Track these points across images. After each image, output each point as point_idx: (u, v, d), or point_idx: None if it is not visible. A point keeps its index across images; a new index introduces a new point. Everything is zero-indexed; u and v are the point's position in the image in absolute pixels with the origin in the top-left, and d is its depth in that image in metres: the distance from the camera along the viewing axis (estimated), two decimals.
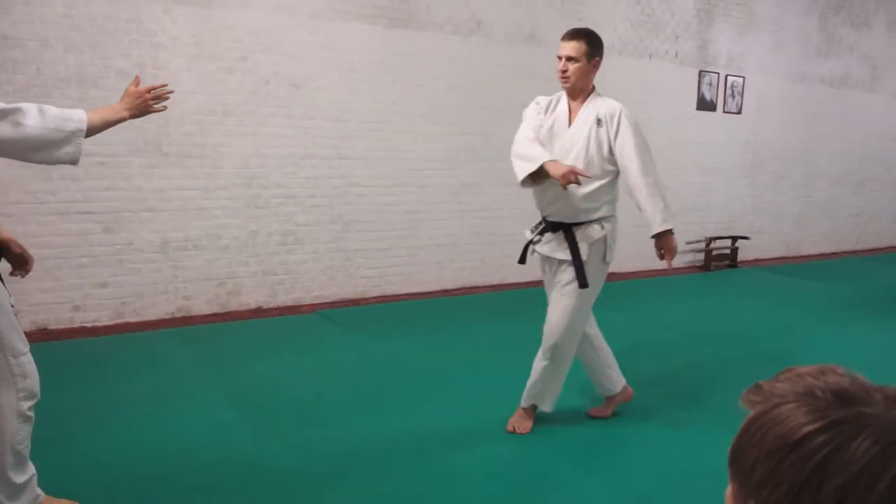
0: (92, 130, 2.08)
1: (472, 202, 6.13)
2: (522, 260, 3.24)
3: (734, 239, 7.86)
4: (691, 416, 3.35)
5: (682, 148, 7.35)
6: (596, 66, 2.99)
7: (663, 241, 2.97)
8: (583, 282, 2.96)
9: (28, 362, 2.20)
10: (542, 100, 3.12)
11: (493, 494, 2.60)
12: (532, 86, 6.30)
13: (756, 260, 8.28)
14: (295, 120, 5.20)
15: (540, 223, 3.16)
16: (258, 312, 5.17)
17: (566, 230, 3.02)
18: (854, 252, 9.34)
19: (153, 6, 4.60)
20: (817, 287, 6.80)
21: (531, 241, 3.18)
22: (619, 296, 5.98)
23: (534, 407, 3.18)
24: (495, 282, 6.34)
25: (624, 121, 2.93)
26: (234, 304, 5.14)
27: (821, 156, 8.86)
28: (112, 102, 4.90)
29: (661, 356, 4.28)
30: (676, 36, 7.18)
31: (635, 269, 6.95)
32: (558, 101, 3.08)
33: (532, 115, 3.09)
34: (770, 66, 8.08)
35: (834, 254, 9.14)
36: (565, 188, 2.81)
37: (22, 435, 2.19)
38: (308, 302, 5.42)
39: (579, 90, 3.00)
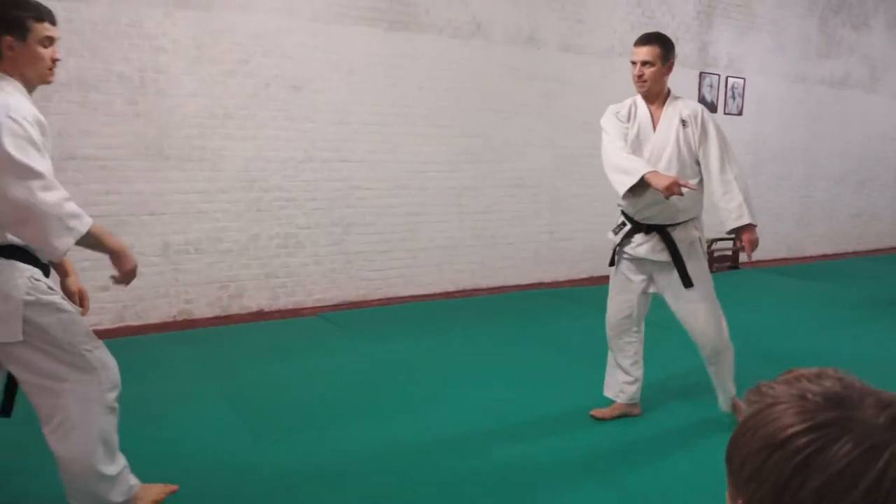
0: (87, 238, 2.05)
1: (472, 204, 6.14)
2: (612, 262, 3.24)
3: (735, 240, 7.85)
4: (693, 417, 3.34)
5: None
6: (670, 69, 3.03)
7: (741, 235, 3.01)
8: (688, 282, 3.05)
9: (105, 354, 2.25)
10: (620, 108, 3.11)
11: (494, 495, 2.60)
12: (532, 87, 6.32)
13: (757, 261, 8.28)
14: (295, 123, 5.20)
15: (622, 224, 3.16)
16: (260, 315, 5.17)
17: (660, 231, 3.05)
18: (855, 253, 9.33)
19: (154, 10, 4.61)
20: (819, 288, 6.79)
21: (618, 244, 3.18)
22: None
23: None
24: (496, 284, 6.34)
25: (708, 121, 3.00)
26: (236, 308, 5.14)
27: (821, 156, 8.86)
28: (114, 106, 4.92)
29: (662, 357, 4.27)
30: (676, 38, 7.17)
31: None
32: (636, 106, 3.08)
33: (613, 124, 3.06)
34: (770, 68, 8.08)
35: (835, 255, 9.14)
36: (668, 198, 2.83)
37: (110, 427, 2.22)
38: (309, 305, 5.42)
39: (656, 93, 3.04)
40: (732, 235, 3.23)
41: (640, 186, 2.88)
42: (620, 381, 3.31)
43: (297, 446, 2.97)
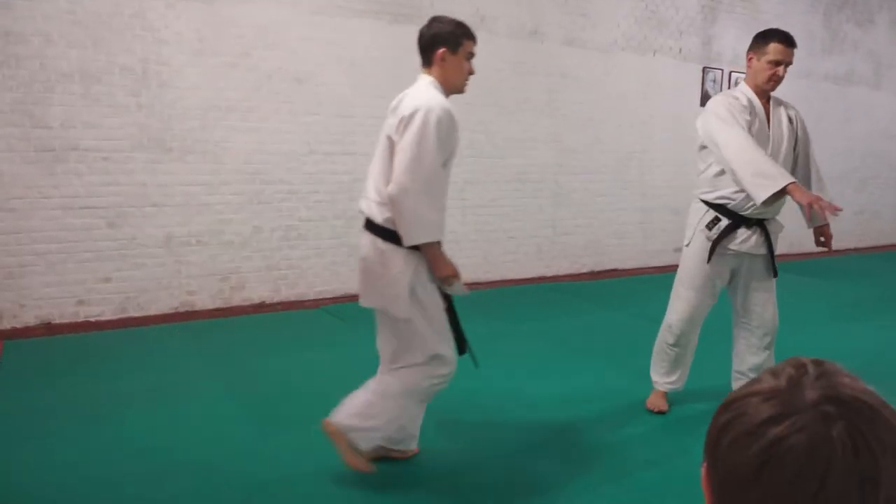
0: (429, 247, 2.53)
1: (474, 198, 6.14)
2: (709, 259, 3.14)
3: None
4: (693, 414, 3.36)
5: (686, 145, 7.34)
6: None
7: (824, 230, 3.15)
8: (776, 271, 3.16)
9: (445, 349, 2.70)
10: (736, 97, 3.05)
11: (493, 492, 2.61)
12: (535, 82, 6.31)
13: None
14: (298, 116, 5.20)
15: (715, 219, 3.11)
16: (261, 307, 5.18)
17: (760, 225, 3.11)
18: (857, 250, 9.33)
19: (156, 2, 4.60)
20: (820, 285, 6.80)
21: (716, 240, 3.12)
22: (620, 294, 5.98)
23: None
24: (497, 278, 6.34)
25: (803, 120, 3.14)
26: (238, 300, 5.15)
27: (823, 153, 8.73)
28: (116, 98, 4.91)
29: None
30: (680, 32, 7.16)
31: (636, 267, 6.95)
32: (749, 98, 3.07)
33: (738, 115, 2.94)
34: None
35: (836, 251, 9.13)
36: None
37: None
38: (311, 297, 5.43)
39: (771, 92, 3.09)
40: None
41: (776, 195, 2.78)
42: (681, 372, 3.38)
43: (300, 438, 2.98)
